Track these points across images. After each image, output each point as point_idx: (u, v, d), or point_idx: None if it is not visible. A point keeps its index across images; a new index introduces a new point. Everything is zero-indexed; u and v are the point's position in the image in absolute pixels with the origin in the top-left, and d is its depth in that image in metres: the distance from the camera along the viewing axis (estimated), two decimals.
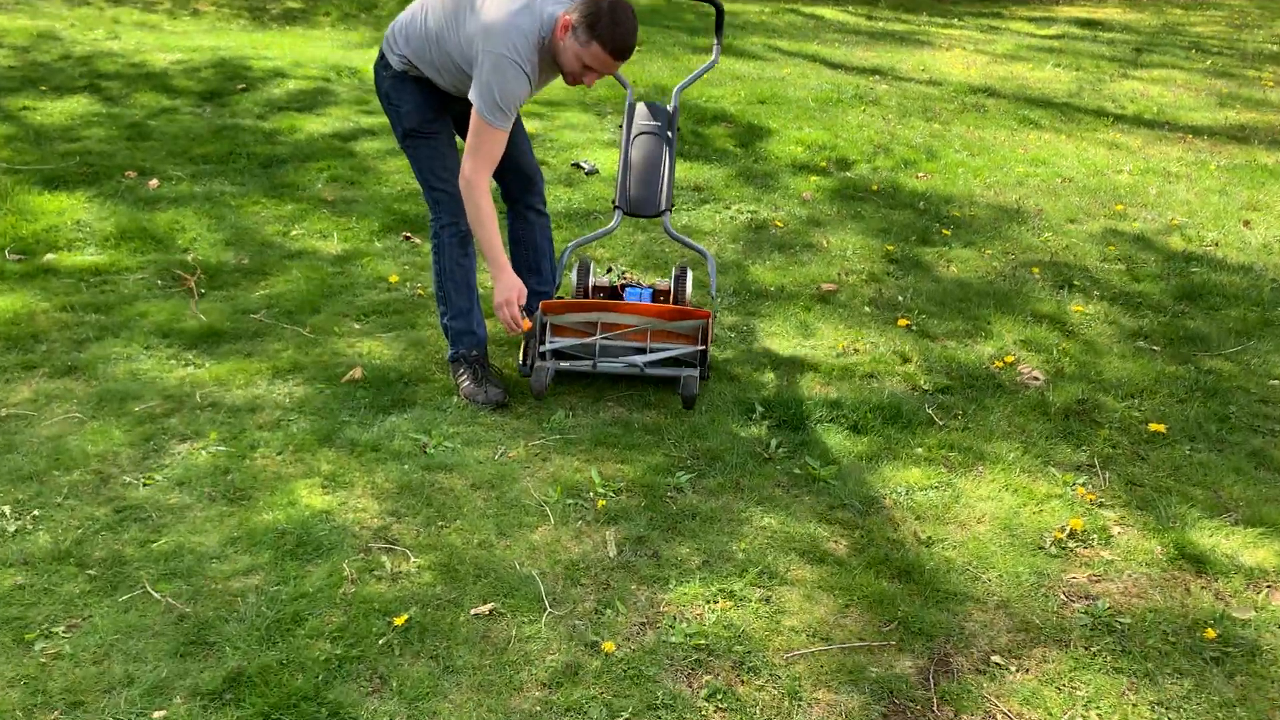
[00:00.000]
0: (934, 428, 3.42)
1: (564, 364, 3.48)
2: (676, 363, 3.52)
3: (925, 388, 3.68)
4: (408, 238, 4.88)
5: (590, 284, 3.73)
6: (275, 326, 3.97)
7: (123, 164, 5.63)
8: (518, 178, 3.67)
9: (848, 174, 6.13)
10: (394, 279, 4.41)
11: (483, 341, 3.58)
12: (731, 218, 5.33)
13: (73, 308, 4.05)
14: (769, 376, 3.72)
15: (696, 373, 3.42)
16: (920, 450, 3.29)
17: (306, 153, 5.96)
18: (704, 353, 3.47)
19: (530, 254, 3.75)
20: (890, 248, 4.96)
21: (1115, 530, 2.94)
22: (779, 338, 4.03)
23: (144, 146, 5.98)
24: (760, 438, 3.32)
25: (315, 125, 6.48)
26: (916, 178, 6.10)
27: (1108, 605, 2.63)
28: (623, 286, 3.75)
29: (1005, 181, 6.11)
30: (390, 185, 5.53)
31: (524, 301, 3.27)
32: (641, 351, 3.50)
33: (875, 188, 5.85)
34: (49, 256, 4.50)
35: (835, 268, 4.72)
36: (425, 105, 3.38)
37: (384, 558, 2.70)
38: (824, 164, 6.26)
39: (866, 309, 4.32)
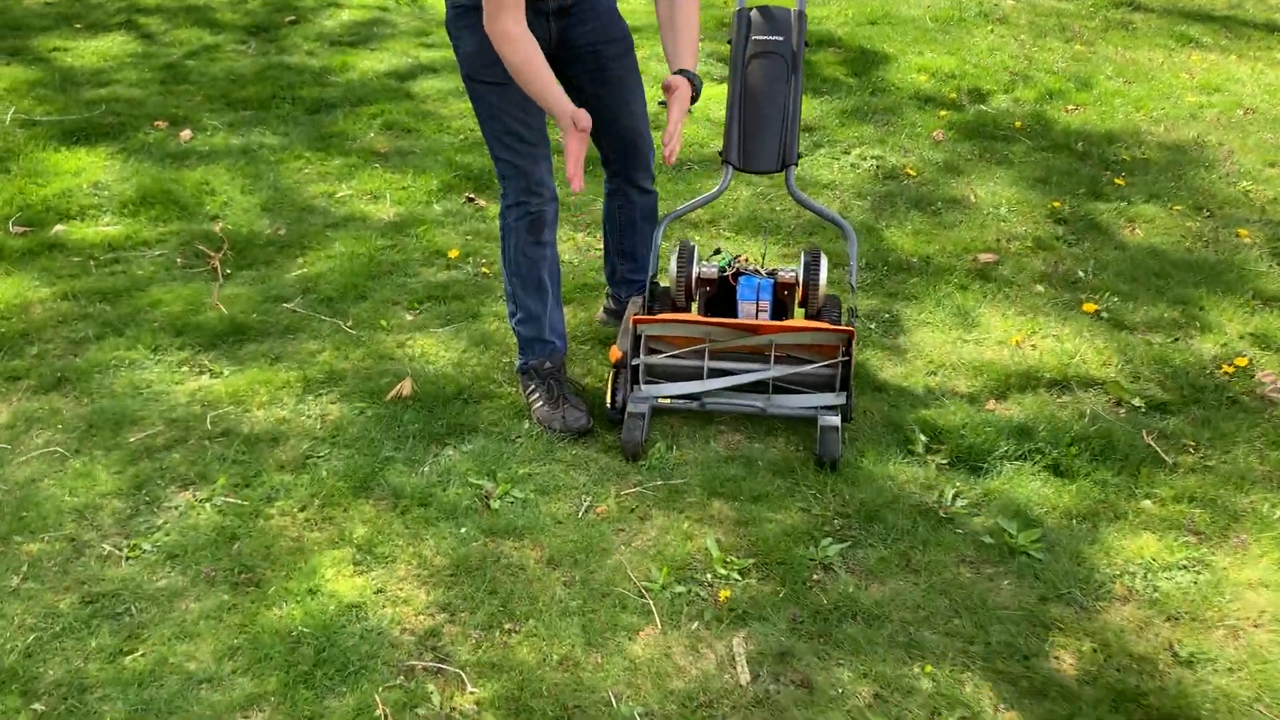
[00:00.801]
0: (1162, 468, 2.57)
1: (664, 400, 2.70)
2: (807, 382, 2.72)
3: (1136, 404, 2.82)
4: (471, 199, 4.11)
5: (694, 275, 2.89)
6: (311, 319, 3.26)
7: (153, 112, 4.94)
8: (619, 144, 2.84)
9: (984, 108, 5.17)
10: (454, 254, 3.65)
11: (559, 352, 2.82)
12: (853, 165, 4.45)
13: (75, 296, 3.38)
14: (926, 385, 2.90)
15: (837, 419, 2.60)
16: (1150, 504, 2.45)
17: (359, 95, 5.20)
18: (848, 391, 2.67)
19: (626, 236, 2.96)
20: (1055, 204, 4.05)
21: None
22: (932, 329, 3.20)
23: (179, 91, 5.27)
24: (929, 483, 2.51)
25: (370, 62, 5.70)
26: (1066, 111, 5.12)
27: None
28: (735, 275, 2.89)
29: (1175, 114, 5.11)
30: (452, 133, 4.75)
31: (585, 125, 2.39)
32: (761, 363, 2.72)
33: (1019, 124, 4.91)
34: (58, 228, 3.84)
35: (991, 231, 3.84)
36: (490, 44, 2.55)
37: (430, 685, 1.97)
38: (954, 96, 5.30)
39: (1039, 288, 3.44)
